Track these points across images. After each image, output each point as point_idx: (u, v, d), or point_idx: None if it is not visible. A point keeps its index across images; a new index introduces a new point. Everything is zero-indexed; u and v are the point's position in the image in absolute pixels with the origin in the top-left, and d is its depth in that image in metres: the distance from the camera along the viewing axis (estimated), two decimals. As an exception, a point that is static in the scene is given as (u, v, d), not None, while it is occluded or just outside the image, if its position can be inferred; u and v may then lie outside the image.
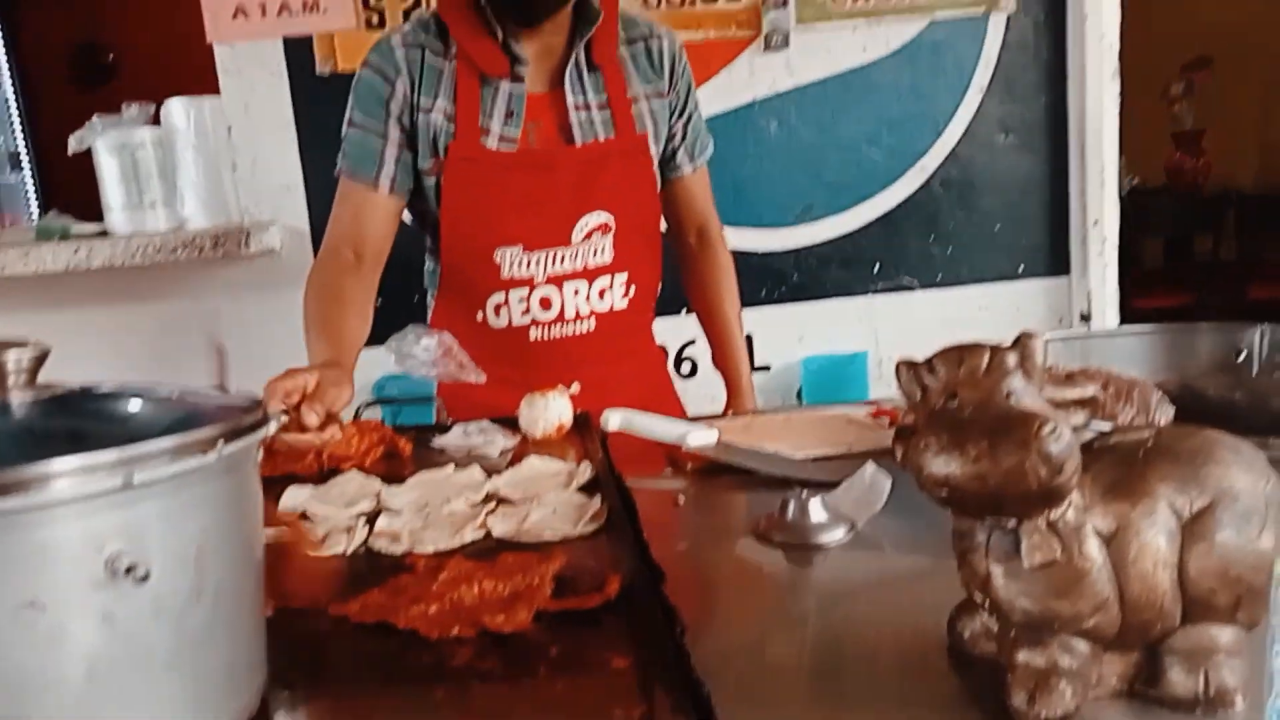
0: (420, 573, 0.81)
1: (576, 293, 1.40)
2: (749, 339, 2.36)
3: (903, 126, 2.29)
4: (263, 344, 2.19)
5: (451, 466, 1.10)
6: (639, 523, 0.84)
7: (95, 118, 2.00)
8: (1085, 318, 2.27)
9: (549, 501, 0.97)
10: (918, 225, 2.33)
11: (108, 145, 2.01)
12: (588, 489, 1.01)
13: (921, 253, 2.35)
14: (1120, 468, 0.58)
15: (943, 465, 0.54)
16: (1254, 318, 1.23)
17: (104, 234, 2.06)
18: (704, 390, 1.67)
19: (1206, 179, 3.95)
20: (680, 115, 1.48)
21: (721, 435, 1.14)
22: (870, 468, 0.97)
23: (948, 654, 0.65)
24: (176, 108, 2.02)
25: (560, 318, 1.40)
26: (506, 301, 1.39)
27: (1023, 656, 0.57)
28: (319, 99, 2.13)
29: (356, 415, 1.28)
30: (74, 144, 2.00)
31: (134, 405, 0.58)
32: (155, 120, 2.07)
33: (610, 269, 1.41)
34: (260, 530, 0.60)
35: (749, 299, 2.31)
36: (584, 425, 1.25)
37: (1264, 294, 3.66)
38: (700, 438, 1.13)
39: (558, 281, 1.39)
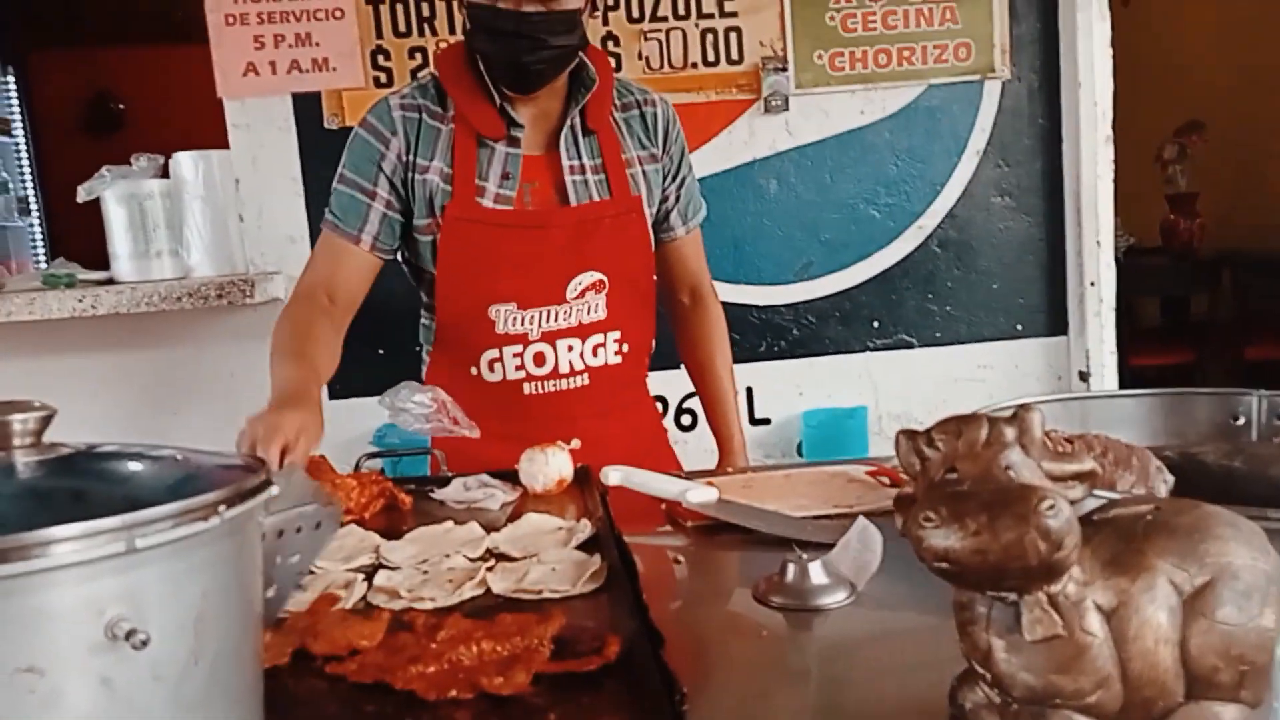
0: (419, 630, 0.80)
1: (570, 349, 1.41)
2: (749, 392, 2.37)
3: (900, 187, 2.32)
4: (267, 391, 2.20)
5: (450, 523, 1.10)
6: (639, 583, 0.84)
7: (105, 169, 2.03)
8: (1084, 376, 2.28)
9: (548, 559, 0.97)
10: (916, 284, 2.35)
11: (116, 195, 2.03)
12: (587, 546, 1.01)
13: (920, 310, 2.37)
14: (1119, 542, 0.58)
15: (942, 539, 0.54)
16: (1251, 377, 1.23)
17: (110, 281, 2.08)
18: (704, 444, 1.67)
19: (1201, 240, 3.98)
20: (674, 179, 1.51)
21: (721, 493, 1.15)
22: (861, 522, 0.96)
23: (949, 723, 0.65)
24: (185, 161, 2.05)
25: (554, 373, 1.41)
26: (500, 357, 1.40)
27: (1026, 732, 0.57)
28: (325, 152, 2.15)
29: (357, 467, 1.27)
30: (83, 193, 2.02)
31: (136, 466, 0.58)
32: (164, 173, 2.10)
33: (603, 326, 1.43)
34: (260, 597, 0.60)
35: (749, 354, 2.33)
36: (584, 480, 1.25)
37: (1261, 354, 3.68)
38: (700, 495, 1.13)
39: (551, 339, 1.40)
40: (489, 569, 0.95)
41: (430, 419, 1.28)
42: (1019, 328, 2.38)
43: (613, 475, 1.18)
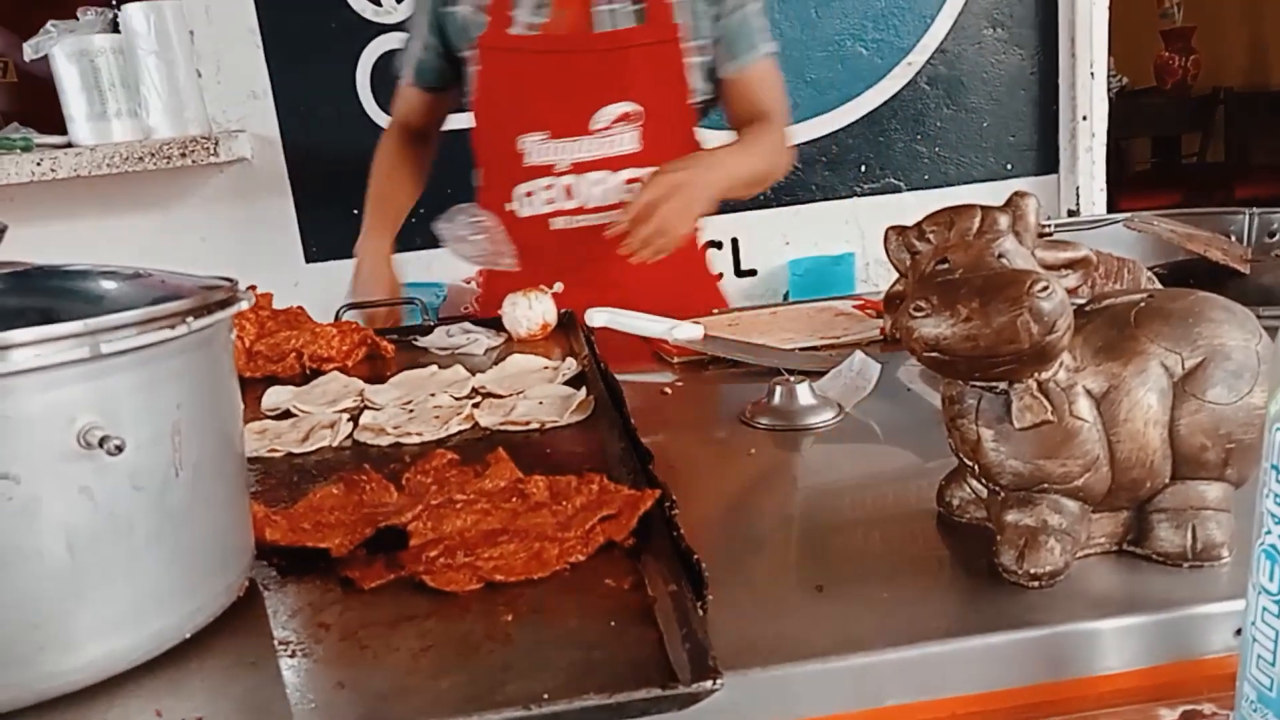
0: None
1: (600, 183, 1.38)
2: (734, 243, 2.34)
3: (888, 21, 2.23)
4: (240, 251, 2.16)
5: (435, 366, 1.09)
6: (626, 410, 0.84)
7: (50, 24, 1.92)
8: (1073, 214, 2.25)
9: (535, 394, 0.97)
10: (904, 125, 2.29)
11: (66, 53, 1.93)
12: (573, 383, 1.00)
13: (908, 152, 2.31)
14: (1112, 329, 0.57)
15: (933, 327, 0.53)
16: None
17: (69, 145, 2.00)
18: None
19: (1195, 78, 3.89)
20: (725, 13, 1.41)
21: (707, 330, 1.14)
22: (859, 355, 0.97)
23: (936, 522, 0.65)
24: (135, 13, 1.94)
25: (583, 208, 1.39)
26: (533, 191, 1.40)
27: (1011, 517, 0.57)
28: (284, 3, 2.06)
29: (337, 317, 1.26)
30: (29, 51, 1.92)
31: (106, 283, 0.56)
32: (114, 27, 1.99)
33: (637, 160, 1.38)
34: (238, 412, 0.59)
35: (733, 203, 2.29)
36: (569, 324, 1.24)
37: (1250, 193, 3.64)
38: (686, 331, 1.12)
39: (580, 170, 1.38)
40: (475, 405, 0.95)
41: (479, 243, 1.33)
42: (1009, 167, 2.33)
43: (598, 316, 1.16)
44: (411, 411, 0.94)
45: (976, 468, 0.58)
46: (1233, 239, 1.20)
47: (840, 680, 0.51)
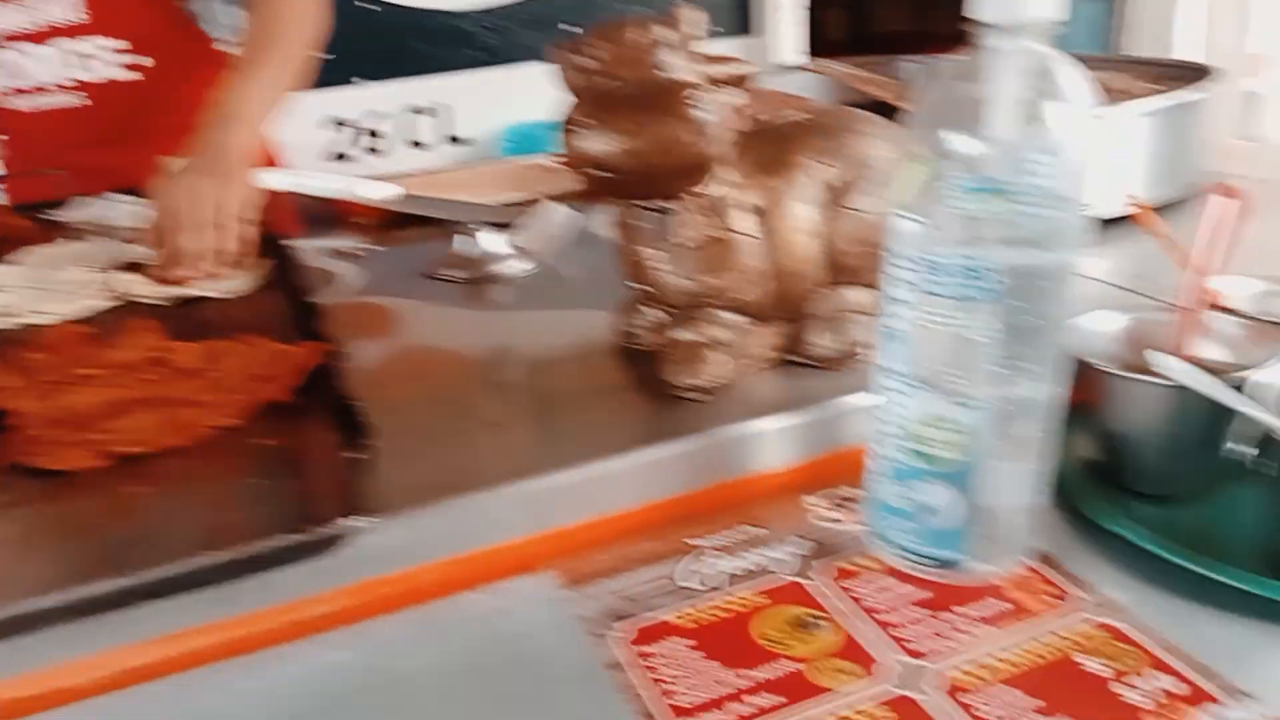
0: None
1: (47, 59, 1.16)
2: (443, 110, 2.23)
3: None
4: None
5: (61, 240, 0.95)
6: (299, 273, 0.77)
7: None
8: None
9: (198, 263, 0.87)
10: (607, -18, 2.25)
11: None
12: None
13: (606, 8, 2.28)
14: (772, 145, 0.58)
15: (594, 143, 0.51)
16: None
17: None
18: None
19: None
20: None
21: (404, 190, 1.07)
22: (555, 205, 0.95)
23: (618, 353, 0.65)
24: None
25: (41, 88, 1.17)
26: None
27: (678, 334, 0.58)
28: None
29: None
30: None
31: None
32: None
33: (85, 30, 1.16)
34: None
35: (439, 66, 2.17)
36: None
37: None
38: (375, 190, 1.05)
39: (18, 44, 1.14)
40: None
41: None
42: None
43: (273, 178, 1.06)
44: (43, 290, 0.82)
45: (647, 289, 0.58)
46: (902, 81, 1.27)
47: (505, 508, 0.50)
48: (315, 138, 2.25)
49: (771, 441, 0.55)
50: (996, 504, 0.44)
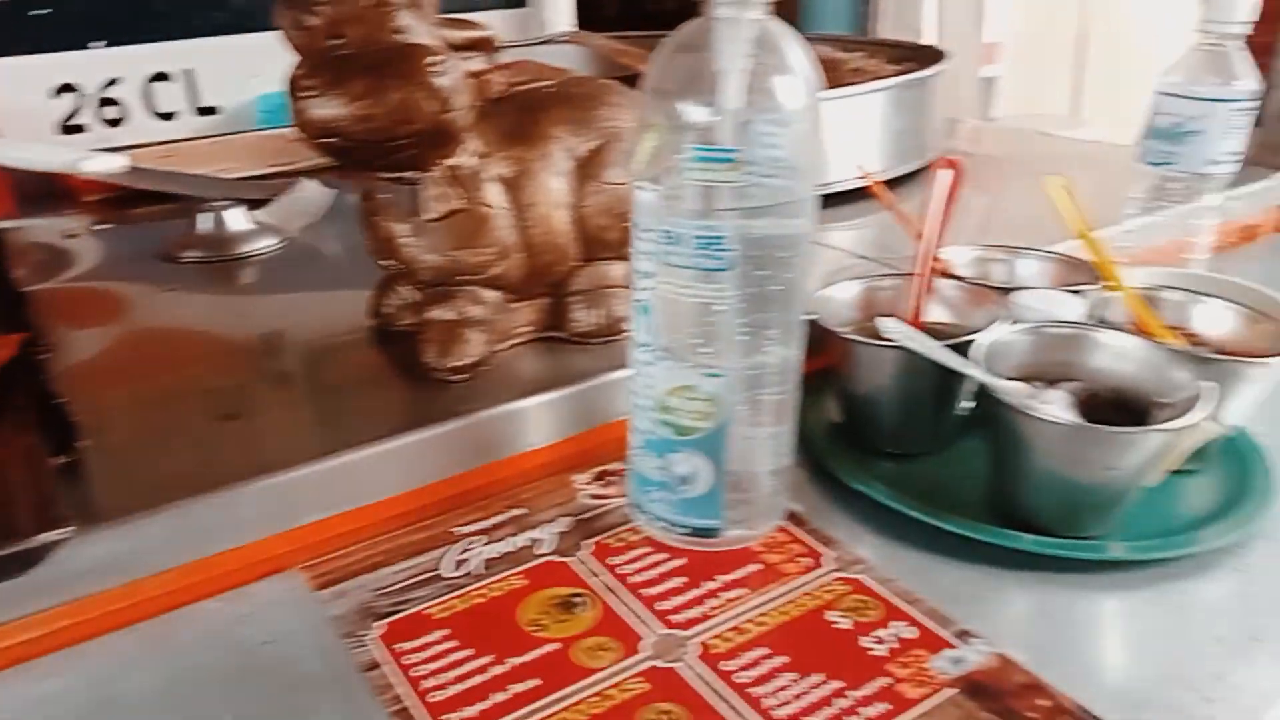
0: None
1: None
2: (188, 75, 2.06)
3: None
4: None
5: None
6: (2, 259, 0.68)
7: None
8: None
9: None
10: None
11: None
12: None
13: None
14: (520, 114, 0.56)
15: (324, 108, 0.47)
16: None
17: None
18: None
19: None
20: None
21: (134, 162, 0.97)
22: (305, 180, 0.89)
23: (373, 335, 0.62)
24: None
25: None
26: None
27: (433, 314, 0.55)
28: None
29: None
30: None
31: None
32: None
33: None
34: None
35: (184, 30, 2.00)
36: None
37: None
38: (101, 163, 0.95)
39: None
40: None
41: None
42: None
43: (-23, 148, 0.94)
44: None
45: (397, 267, 0.55)
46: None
47: (245, 507, 0.46)
48: (46, 106, 2.02)
49: (535, 420, 0.54)
50: (747, 470, 0.45)
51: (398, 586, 0.46)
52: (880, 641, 0.42)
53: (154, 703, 0.40)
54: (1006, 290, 0.56)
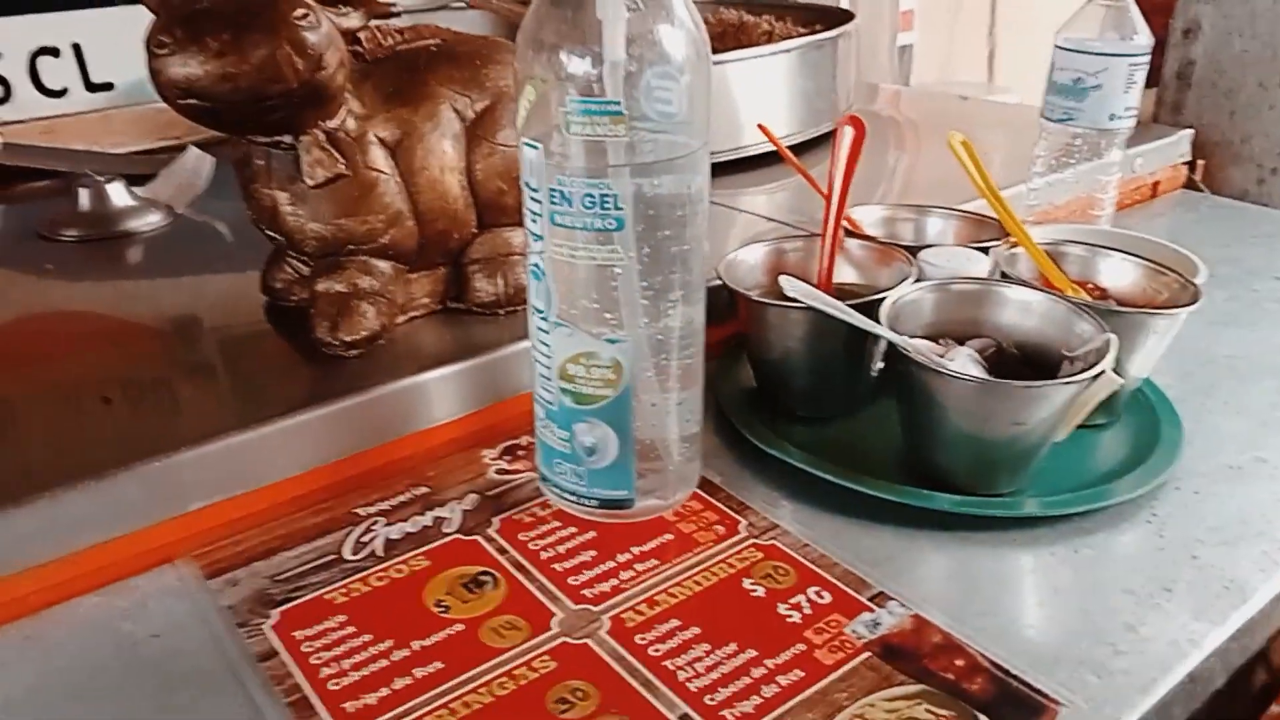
0: None
1: None
2: (76, 50, 1.95)
3: None
4: None
5: None
6: None
7: None
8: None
9: None
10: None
11: None
12: None
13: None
14: (403, 74, 0.54)
15: (182, 66, 0.44)
16: None
17: None
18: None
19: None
20: None
21: (4, 139, 0.92)
22: (193, 150, 0.85)
23: (264, 311, 0.59)
24: None
25: None
26: None
27: (322, 286, 0.52)
28: None
29: None
30: None
31: None
32: None
33: None
34: None
35: (73, 1, 1.89)
36: None
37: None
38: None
39: None
40: None
41: None
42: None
43: None
44: None
45: (280, 237, 0.52)
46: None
47: (126, 494, 0.43)
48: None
49: (439, 394, 0.52)
50: (656, 437, 0.43)
51: (295, 572, 0.43)
52: (796, 608, 0.41)
53: (27, 707, 0.37)
54: (914, 249, 0.56)
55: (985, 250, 0.56)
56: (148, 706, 0.37)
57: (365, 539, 0.45)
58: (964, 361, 0.46)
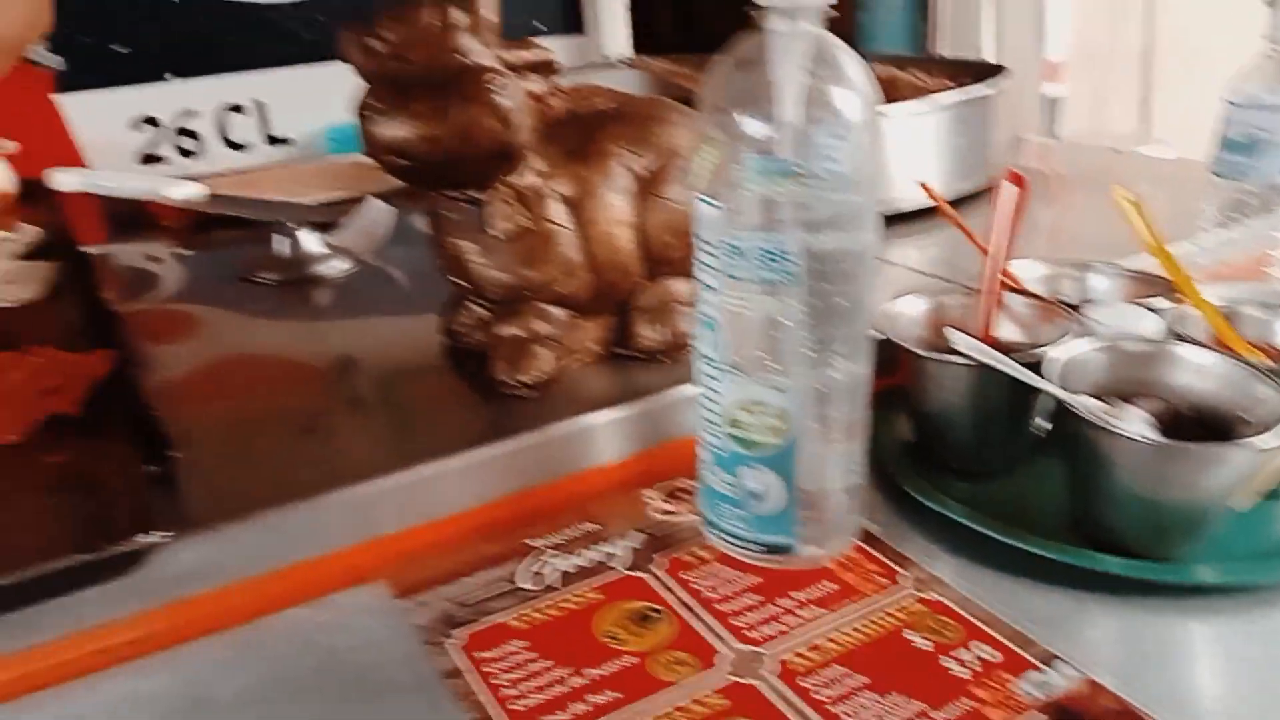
0: None
1: None
2: (260, 108, 2.12)
3: None
4: None
5: None
6: (92, 277, 0.71)
7: None
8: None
9: (-20, 270, 0.79)
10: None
11: None
12: (35, 256, 0.84)
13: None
14: (580, 134, 0.57)
15: (390, 129, 0.49)
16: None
17: None
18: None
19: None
20: None
21: (212, 190, 1.01)
22: (372, 200, 0.91)
23: (444, 352, 0.63)
24: None
25: None
26: None
27: (502, 330, 0.56)
28: None
29: None
30: None
31: None
32: None
33: None
34: None
35: (258, 60, 2.05)
36: (39, 194, 1.04)
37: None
38: (182, 190, 0.98)
39: None
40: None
41: None
42: (534, 24, 2.34)
43: (65, 178, 0.98)
44: None
45: (465, 284, 0.57)
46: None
47: (328, 517, 0.47)
48: (126, 138, 2.09)
49: (605, 436, 0.55)
50: (818, 487, 0.45)
51: (476, 597, 0.46)
52: (961, 663, 0.41)
53: (245, 705, 0.41)
54: (1078, 306, 0.55)
55: (1154, 309, 0.55)
56: (352, 711, 0.40)
57: (539, 570, 0.48)
58: (1136, 422, 0.45)
